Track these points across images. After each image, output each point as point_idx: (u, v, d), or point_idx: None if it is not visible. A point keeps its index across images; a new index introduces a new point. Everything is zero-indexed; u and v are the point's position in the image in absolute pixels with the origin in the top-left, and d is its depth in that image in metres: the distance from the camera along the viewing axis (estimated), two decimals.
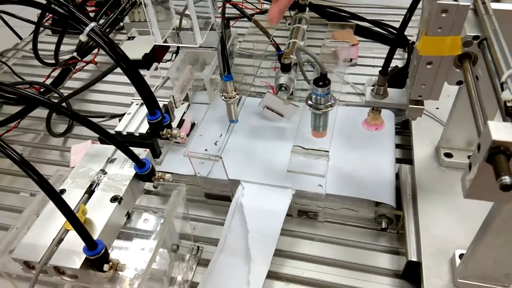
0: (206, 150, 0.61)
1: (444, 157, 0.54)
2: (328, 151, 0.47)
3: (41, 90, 0.80)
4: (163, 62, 0.75)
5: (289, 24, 0.87)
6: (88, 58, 0.89)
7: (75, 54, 0.82)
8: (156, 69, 0.59)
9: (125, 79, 0.44)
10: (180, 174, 0.58)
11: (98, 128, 0.38)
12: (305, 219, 0.56)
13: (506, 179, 0.26)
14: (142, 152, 0.44)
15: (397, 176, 0.57)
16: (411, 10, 0.43)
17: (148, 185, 0.47)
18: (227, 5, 0.76)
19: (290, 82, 0.64)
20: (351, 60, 0.81)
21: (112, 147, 0.46)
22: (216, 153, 0.53)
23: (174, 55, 0.73)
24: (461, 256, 0.44)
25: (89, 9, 1.02)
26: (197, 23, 0.57)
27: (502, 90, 0.31)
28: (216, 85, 0.71)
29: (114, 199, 0.40)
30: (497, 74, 0.34)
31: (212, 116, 0.65)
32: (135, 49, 0.63)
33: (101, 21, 0.92)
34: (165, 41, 0.62)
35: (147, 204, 0.59)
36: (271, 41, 0.66)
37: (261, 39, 0.73)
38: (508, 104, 0.30)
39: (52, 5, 0.43)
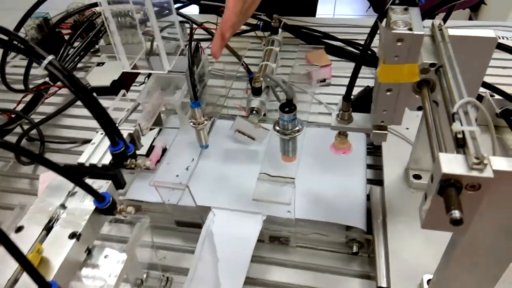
0: (177, 175, 0.60)
1: (413, 179, 0.54)
2: (294, 178, 0.47)
3: (12, 116, 0.78)
4: (135, 85, 0.75)
5: (264, 44, 0.88)
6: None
7: (47, 79, 0.81)
8: (124, 95, 0.58)
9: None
10: (149, 202, 0.57)
11: (52, 164, 0.37)
12: (277, 244, 0.55)
13: (456, 213, 0.26)
14: (104, 185, 0.43)
15: (368, 197, 0.57)
16: (372, 35, 0.44)
17: None
18: (200, 28, 0.76)
19: (261, 106, 0.64)
20: (324, 80, 0.82)
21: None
22: (184, 181, 0.52)
23: (146, 78, 0.73)
24: (428, 281, 0.43)
25: (64, 31, 1.02)
26: (164, 49, 0.57)
27: (454, 120, 0.31)
28: (188, 109, 0.71)
29: (72, 235, 0.39)
30: (451, 103, 0.34)
31: (184, 140, 0.65)
32: (104, 76, 0.62)
33: (76, 44, 0.92)
34: (134, 67, 0.61)
35: (116, 233, 0.58)
36: (242, 64, 0.66)
37: (232, 61, 0.73)
38: (459, 136, 0.30)
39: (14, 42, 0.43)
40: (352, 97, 0.47)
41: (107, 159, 0.47)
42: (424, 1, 0.42)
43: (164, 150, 0.64)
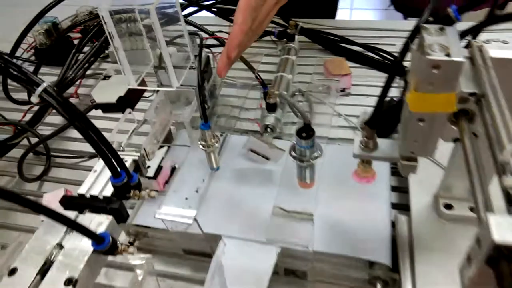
0: (186, 198, 0.57)
1: (444, 209, 0.49)
2: (312, 214, 0.42)
3: (18, 128, 0.76)
4: (144, 97, 0.71)
5: (279, 50, 0.84)
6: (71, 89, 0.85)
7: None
8: (130, 113, 0.55)
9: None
10: (155, 228, 0.53)
11: (44, 209, 0.33)
12: (293, 278, 0.51)
13: None
14: (104, 221, 0.40)
15: (393, 224, 0.52)
16: (404, 52, 0.39)
17: None
18: (211, 38, 0.71)
19: (276, 123, 0.59)
20: (344, 89, 0.77)
21: (72, 213, 0.41)
22: (193, 205, 0.48)
23: (155, 92, 0.69)
24: None
25: (73, 35, 0.99)
26: (171, 64, 0.53)
27: (504, 172, 0.26)
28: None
29: (68, 281, 0.36)
30: (497, 145, 0.29)
31: (194, 158, 0.61)
32: (109, 91, 0.59)
33: (86, 49, 0.89)
34: (142, 83, 0.58)
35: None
36: (256, 76, 0.62)
37: (246, 68, 0.69)
38: (511, 192, 0.25)
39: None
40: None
41: (110, 189, 0.44)
42: (460, 18, 0.37)
43: (173, 170, 0.60)
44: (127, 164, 0.46)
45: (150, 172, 0.55)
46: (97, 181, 0.44)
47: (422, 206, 0.52)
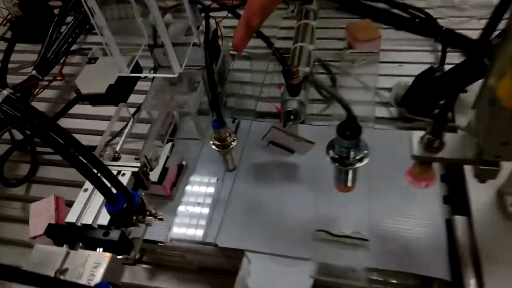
0: (198, 203, 0.48)
1: None
2: (368, 240, 0.33)
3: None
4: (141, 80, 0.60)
5: (292, 11, 0.71)
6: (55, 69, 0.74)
7: (34, 72, 0.67)
8: (124, 106, 0.45)
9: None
10: (164, 243, 0.45)
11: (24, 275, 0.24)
12: None
13: None
14: (102, 260, 0.31)
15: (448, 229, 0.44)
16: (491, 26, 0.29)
17: None
18: (214, 5, 0.59)
19: (301, 108, 0.49)
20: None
21: (62, 250, 0.33)
22: (204, 214, 0.40)
23: (151, 70, 0.58)
24: None
25: (54, 3, 0.86)
26: (171, 45, 0.42)
27: None
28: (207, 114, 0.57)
29: None
30: None
31: (204, 153, 0.52)
32: (97, 78, 0.48)
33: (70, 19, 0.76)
34: (135, 68, 0.47)
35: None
36: (273, 51, 0.51)
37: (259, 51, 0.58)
38: None
39: None
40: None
41: (106, 215, 0.35)
42: None
43: (180, 168, 0.51)
44: (125, 179, 0.36)
45: (154, 176, 0.46)
46: (90, 203, 0.35)
47: (483, 204, 0.43)
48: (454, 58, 0.64)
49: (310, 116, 0.59)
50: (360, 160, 0.36)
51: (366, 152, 0.36)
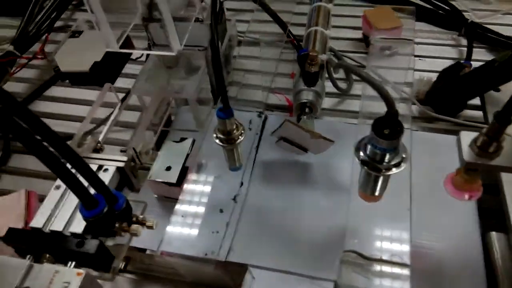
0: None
1: None
2: (409, 265, 0.27)
3: None
4: (130, 61, 0.53)
5: None
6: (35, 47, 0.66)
7: (11, 47, 0.60)
8: (110, 89, 0.38)
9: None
10: (153, 252, 0.38)
11: None
12: None
13: None
14: (73, 279, 0.25)
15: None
16: None
17: None
18: None
19: (317, 99, 0.43)
20: (389, 47, 0.60)
21: (23, 263, 0.26)
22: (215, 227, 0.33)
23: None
24: None
25: None
26: (170, 17, 0.35)
27: None
28: (208, 103, 0.50)
29: None
30: None
31: (206, 147, 0.45)
32: (80, 55, 0.41)
33: None
34: (127, 43, 0.40)
35: None
36: (287, 35, 0.44)
37: (269, 28, 0.51)
38: None
39: None
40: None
41: (82, 221, 0.28)
42: None
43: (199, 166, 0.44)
44: (107, 176, 0.29)
45: (172, 177, 0.39)
46: (62, 205, 0.28)
47: None
48: (479, 54, 0.58)
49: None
50: (397, 165, 0.30)
51: (404, 156, 0.30)
